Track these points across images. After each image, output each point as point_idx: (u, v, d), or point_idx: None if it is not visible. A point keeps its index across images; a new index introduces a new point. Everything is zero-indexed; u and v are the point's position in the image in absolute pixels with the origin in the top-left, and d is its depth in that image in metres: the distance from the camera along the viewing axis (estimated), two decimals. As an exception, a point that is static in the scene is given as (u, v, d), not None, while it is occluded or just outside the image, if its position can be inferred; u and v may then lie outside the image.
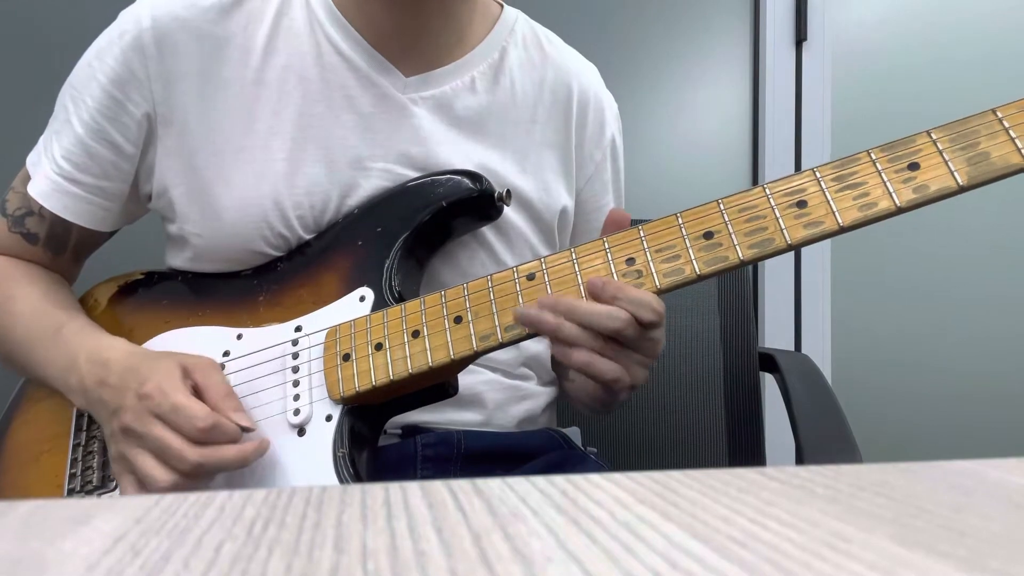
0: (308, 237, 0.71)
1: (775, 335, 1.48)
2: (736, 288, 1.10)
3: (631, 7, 1.46)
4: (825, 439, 0.82)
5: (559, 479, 0.27)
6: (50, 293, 0.74)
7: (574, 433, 0.83)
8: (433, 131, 0.73)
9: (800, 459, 0.81)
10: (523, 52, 0.79)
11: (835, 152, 1.50)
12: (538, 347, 0.80)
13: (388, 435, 0.70)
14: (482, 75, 0.76)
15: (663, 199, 1.44)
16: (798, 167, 1.50)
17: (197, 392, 0.60)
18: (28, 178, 0.73)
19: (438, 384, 0.64)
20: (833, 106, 1.51)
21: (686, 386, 1.09)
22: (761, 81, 1.50)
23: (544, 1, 1.11)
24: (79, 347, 0.67)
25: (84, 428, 0.70)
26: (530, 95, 0.78)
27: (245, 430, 0.60)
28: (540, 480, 0.27)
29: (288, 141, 0.70)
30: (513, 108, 0.77)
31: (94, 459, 0.68)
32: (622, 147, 0.87)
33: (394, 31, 0.72)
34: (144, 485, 0.59)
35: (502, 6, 0.81)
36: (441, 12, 0.73)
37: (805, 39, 1.49)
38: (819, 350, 1.49)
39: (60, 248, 0.76)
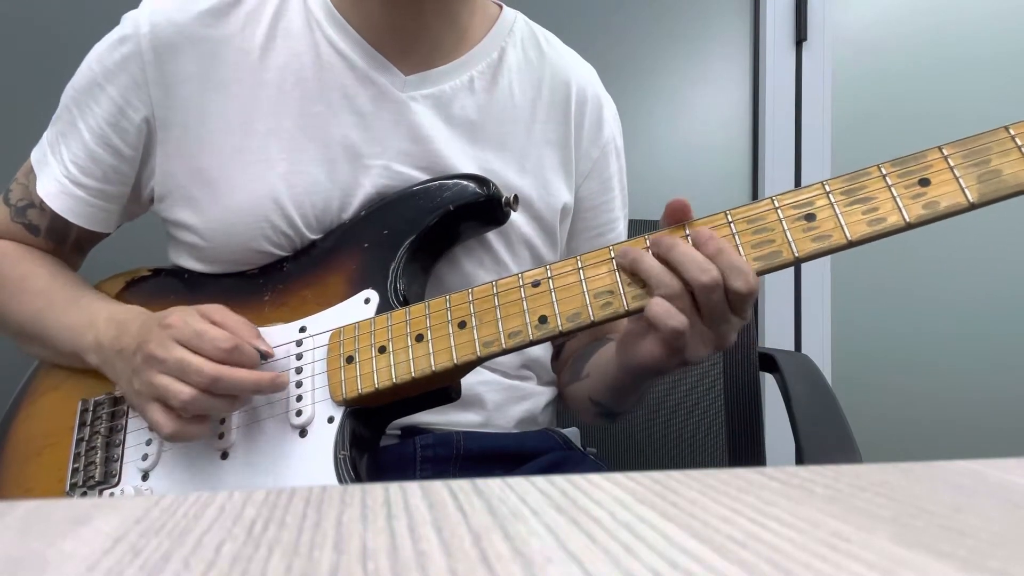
0: (313, 237, 0.71)
1: (775, 335, 1.48)
2: (736, 288, 1.10)
3: (631, 7, 1.46)
4: (825, 439, 0.82)
5: (559, 479, 0.27)
6: (62, 273, 0.76)
7: (573, 433, 0.83)
8: (432, 129, 0.73)
9: (800, 459, 0.81)
10: (521, 52, 0.79)
11: (835, 153, 1.50)
12: (539, 351, 0.80)
13: (387, 436, 0.70)
14: (480, 75, 0.76)
15: (663, 199, 1.43)
16: (798, 167, 1.50)
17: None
18: (30, 171, 0.75)
19: (441, 388, 0.63)
20: (833, 106, 1.51)
21: (686, 386, 1.09)
22: (761, 81, 1.50)
23: (544, 1, 1.11)
24: (99, 310, 0.70)
25: (88, 423, 0.71)
26: (528, 94, 0.78)
27: (264, 356, 0.63)
28: (540, 480, 0.27)
29: (288, 141, 0.70)
30: (512, 108, 0.77)
31: (97, 454, 0.68)
32: (623, 147, 0.87)
33: (392, 30, 0.72)
34: (166, 407, 0.61)
35: (501, 7, 0.81)
36: (440, 12, 0.73)
37: (805, 39, 1.49)
38: (819, 350, 1.49)
39: (61, 240, 0.77)
